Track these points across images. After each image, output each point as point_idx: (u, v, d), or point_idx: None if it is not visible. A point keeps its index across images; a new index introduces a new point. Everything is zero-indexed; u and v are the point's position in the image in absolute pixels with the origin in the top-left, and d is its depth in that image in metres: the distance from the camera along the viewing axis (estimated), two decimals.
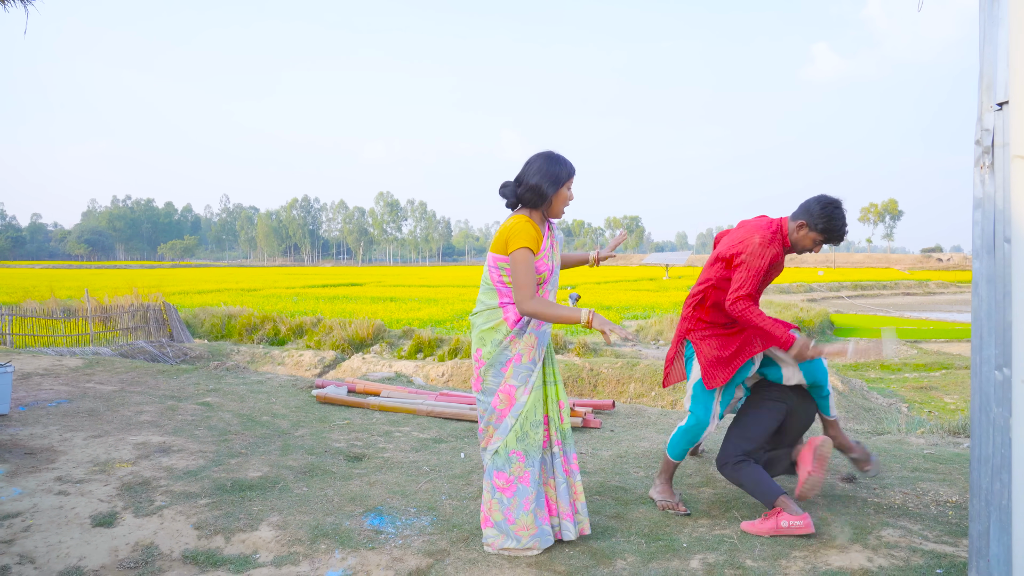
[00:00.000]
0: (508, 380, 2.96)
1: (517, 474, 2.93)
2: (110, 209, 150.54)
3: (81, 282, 41.60)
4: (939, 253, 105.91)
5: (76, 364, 7.71)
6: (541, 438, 3.00)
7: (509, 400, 2.96)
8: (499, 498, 2.95)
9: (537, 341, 2.99)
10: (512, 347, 2.96)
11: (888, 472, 4.02)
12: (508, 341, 2.96)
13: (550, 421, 3.06)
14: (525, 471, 2.93)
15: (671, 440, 3.53)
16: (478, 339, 3.03)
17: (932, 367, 20.16)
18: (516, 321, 2.96)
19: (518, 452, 2.94)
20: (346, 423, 5.23)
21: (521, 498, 2.92)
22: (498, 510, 2.95)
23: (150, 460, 4.12)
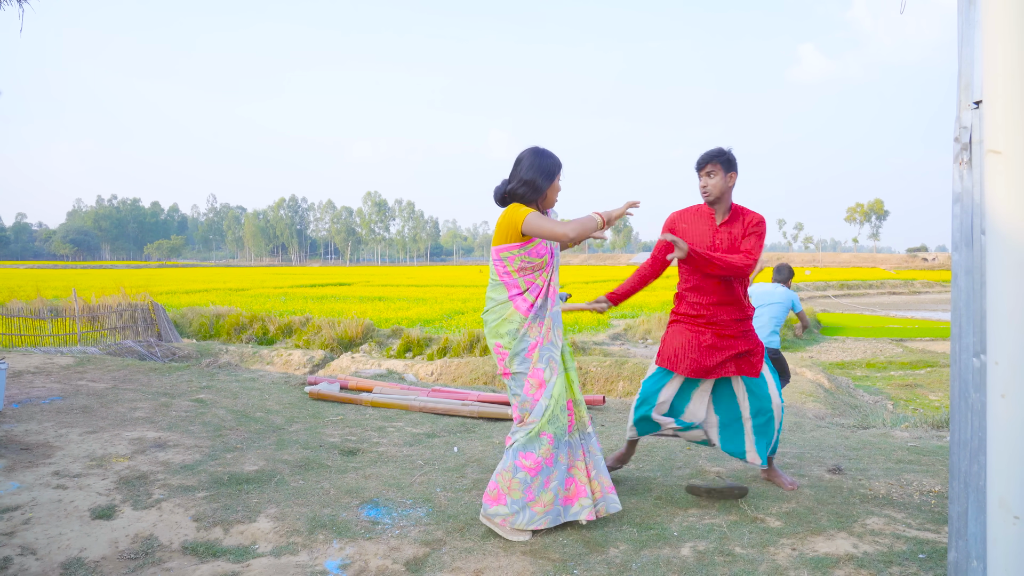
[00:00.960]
0: (536, 364, 3.10)
1: (544, 456, 3.07)
2: (95, 209, 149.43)
3: (67, 282, 41.30)
4: (924, 253, 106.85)
5: (67, 362, 7.71)
6: (567, 422, 3.14)
7: (540, 384, 3.11)
8: (522, 477, 3.06)
9: (552, 323, 3.14)
10: (531, 333, 3.10)
11: (873, 464, 4.12)
12: (525, 328, 3.10)
13: (574, 405, 3.23)
14: (551, 452, 3.08)
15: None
16: (493, 333, 3.16)
17: (917, 365, 20.37)
18: (529, 308, 3.10)
19: (548, 434, 3.08)
20: (339, 419, 5.28)
21: (544, 477, 3.07)
22: (519, 489, 3.06)
23: (146, 455, 4.15)
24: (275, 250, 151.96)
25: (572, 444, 3.18)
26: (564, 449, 3.13)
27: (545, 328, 3.12)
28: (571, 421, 3.20)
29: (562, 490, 3.13)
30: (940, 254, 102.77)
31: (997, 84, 1.49)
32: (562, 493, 3.13)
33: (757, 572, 2.70)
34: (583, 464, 3.19)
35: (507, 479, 3.10)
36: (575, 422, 3.22)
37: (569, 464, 3.16)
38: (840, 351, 23.65)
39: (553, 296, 3.18)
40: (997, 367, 1.49)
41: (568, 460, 3.16)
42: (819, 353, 23.06)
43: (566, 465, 3.15)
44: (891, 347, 23.98)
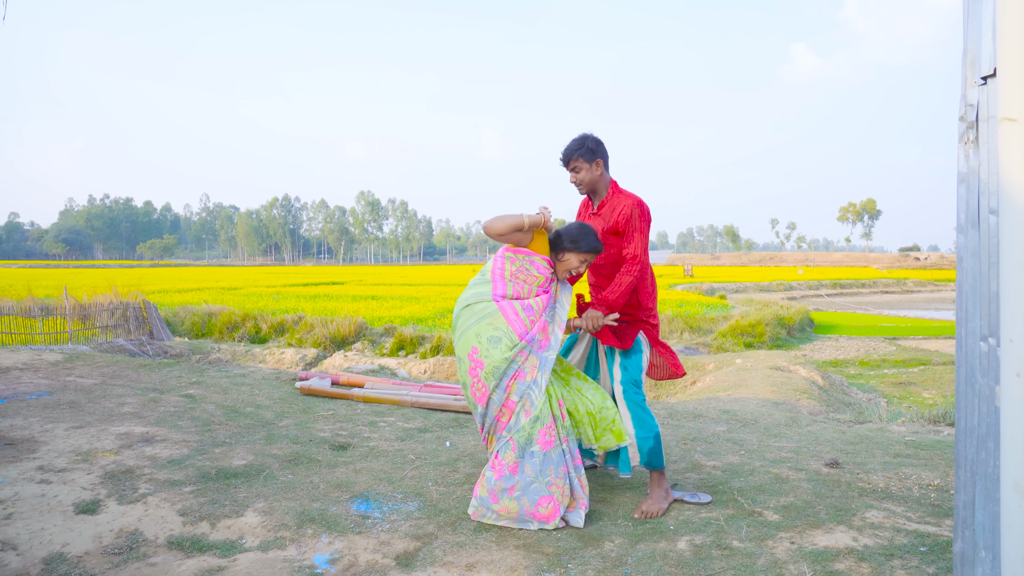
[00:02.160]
0: (511, 396, 3.06)
1: (508, 463, 3.06)
2: (88, 208, 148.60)
3: (59, 281, 41.03)
4: (917, 252, 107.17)
5: (56, 359, 7.61)
6: (535, 433, 3.08)
7: (509, 415, 3.08)
8: (489, 476, 3.10)
9: (540, 364, 3.09)
10: (520, 361, 3.06)
11: (871, 458, 4.07)
12: (518, 355, 3.07)
13: (556, 420, 3.15)
14: (515, 462, 3.06)
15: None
16: (471, 334, 3.08)
17: (910, 363, 20.37)
18: (524, 333, 3.07)
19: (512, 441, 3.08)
20: (330, 414, 5.20)
21: (506, 484, 3.10)
22: (485, 487, 3.11)
23: (133, 450, 4.07)
24: (268, 249, 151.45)
25: (550, 460, 3.06)
26: (532, 461, 3.04)
27: (531, 366, 3.08)
28: (548, 436, 3.07)
29: (529, 504, 3.02)
30: (932, 254, 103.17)
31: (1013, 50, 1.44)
32: (527, 506, 3.02)
33: (755, 566, 2.64)
34: (563, 483, 3.09)
35: (482, 474, 3.15)
36: (555, 439, 3.10)
37: (549, 481, 3.04)
38: (833, 349, 23.66)
39: (545, 344, 3.12)
40: (1012, 344, 1.44)
41: (546, 476, 3.04)
42: (812, 351, 23.05)
43: (534, 479, 3.03)
44: (884, 345, 24.00)
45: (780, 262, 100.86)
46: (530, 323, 3.08)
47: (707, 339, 22.37)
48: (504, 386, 3.04)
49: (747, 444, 4.46)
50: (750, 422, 5.09)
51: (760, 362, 15.90)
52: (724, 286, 44.48)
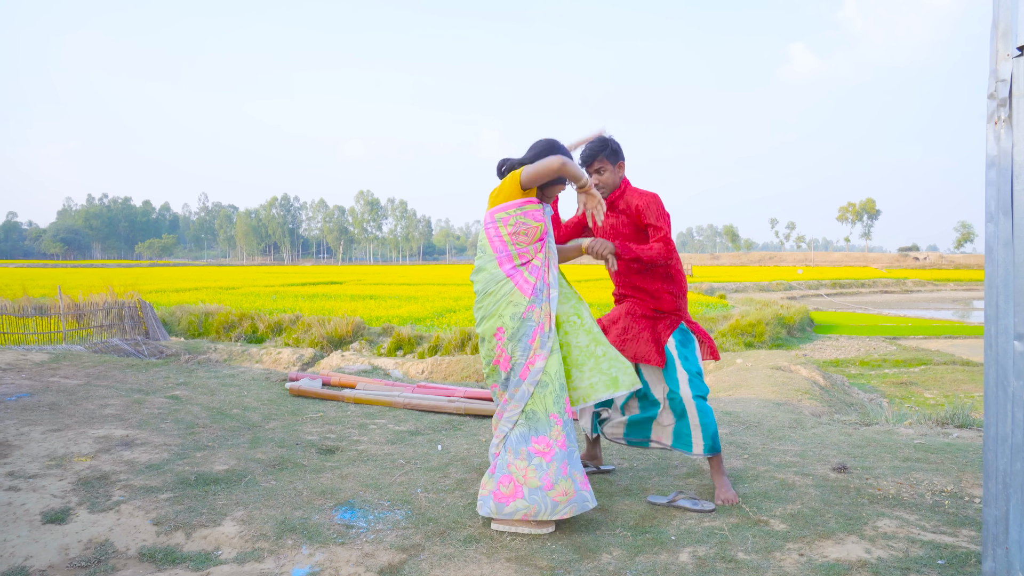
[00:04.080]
0: (537, 351, 2.98)
1: (556, 438, 2.93)
2: (86, 207, 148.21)
3: (56, 280, 40.80)
4: (916, 252, 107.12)
5: (42, 359, 7.44)
6: (565, 402, 3.03)
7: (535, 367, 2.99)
8: (538, 463, 2.91)
9: (551, 308, 3.05)
10: (533, 315, 3.00)
11: (879, 462, 3.90)
12: (529, 311, 2.99)
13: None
14: (562, 434, 2.94)
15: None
16: (494, 316, 3.02)
17: (911, 363, 20.23)
18: (531, 289, 3.01)
19: (555, 415, 2.95)
20: (319, 416, 5.03)
21: (559, 463, 2.91)
22: (535, 476, 2.89)
23: (111, 454, 3.90)
24: (267, 249, 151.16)
25: (574, 428, 3.15)
26: (571, 430, 3.01)
27: (544, 314, 3.02)
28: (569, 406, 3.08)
29: (579, 475, 2.97)
30: (931, 253, 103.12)
31: None
32: (579, 478, 2.96)
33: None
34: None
35: (522, 468, 2.91)
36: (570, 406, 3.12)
37: (575, 446, 3.05)
38: (834, 349, 23.51)
39: (550, 282, 3.08)
40: None
41: (574, 441, 3.04)
42: (813, 351, 22.90)
43: (575, 448, 3.01)
44: (885, 345, 23.86)
45: (780, 262, 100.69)
46: (537, 277, 3.06)
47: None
48: (527, 345, 2.99)
49: (750, 447, 4.29)
50: (753, 424, 4.93)
51: (761, 362, 15.74)
52: (724, 286, 44.32)
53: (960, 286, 58.32)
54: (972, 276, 68.57)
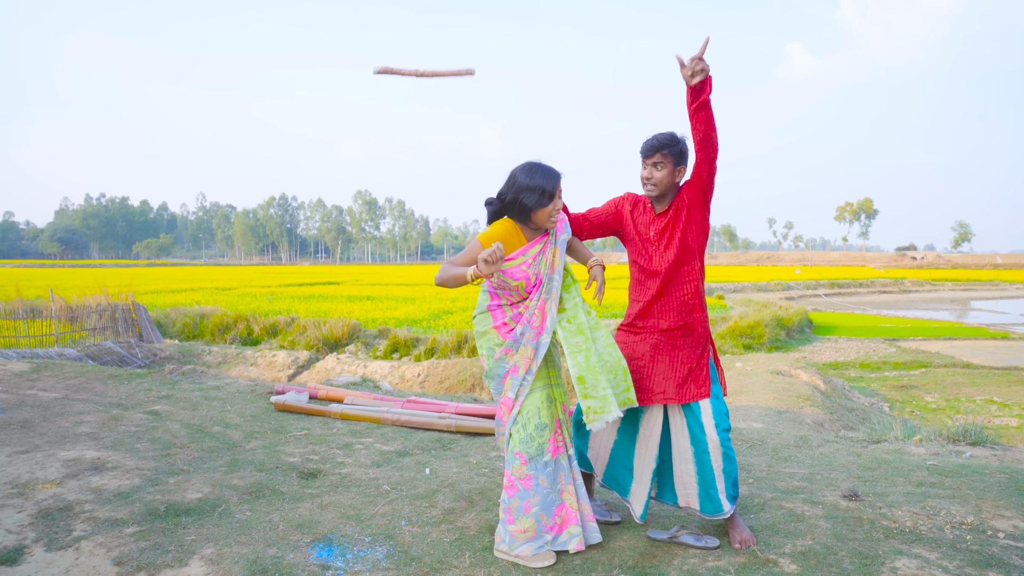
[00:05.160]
0: (507, 393, 2.87)
1: (519, 475, 2.85)
2: (84, 207, 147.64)
3: (51, 281, 40.54)
4: (913, 252, 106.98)
5: (21, 369, 7.21)
6: (545, 441, 2.87)
7: (508, 410, 2.88)
8: (503, 496, 2.91)
9: (535, 353, 2.86)
10: (508, 358, 2.88)
11: (892, 487, 3.69)
12: (502, 353, 2.86)
13: (561, 425, 2.96)
14: (527, 474, 2.84)
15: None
16: (478, 338, 2.97)
17: (911, 365, 20.04)
18: (507, 332, 2.87)
19: (520, 454, 2.85)
20: (304, 434, 4.81)
21: (522, 500, 2.84)
22: (503, 508, 2.88)
23: (78, 480, 3.69)
24: (265, 249, 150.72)
25: (560, 466, 2.91)
26: (546, 471, 2.85)
27: (524, 358, 2.84)
28: (556, 442, 2.91)
29: (546, 517, 2.84)
30: (928, 253, 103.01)
31: None
32: (546, 520, 2.84)
33: None
34: (573, 488, 2.93)
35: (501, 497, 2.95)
36: (562, 445, 2.94)
37: (560, 488, 2.89)
38: (833, 351, 23.33)
39: (541, 327, 2.86)
40: None
41: (557, 484, 2.88)
42: (812, 353, 22.72)
43: (549, 490, 2.85)
44: (884, 347, 23.68)
45: (778, 261, 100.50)
46: (520, 321, 2.89)
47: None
48: (499, 385, 2.90)
49: (755, 470, 4.08)
50: (757, 443, 4.71)
51: (761, 366, 15.53)
52: (722, 286, 44.13)
53: (958, 286, 58.18)
54: (970, 276, 68.48)
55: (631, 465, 3.11)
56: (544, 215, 2.83)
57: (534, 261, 2.87)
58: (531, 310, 2.87)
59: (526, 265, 2.85)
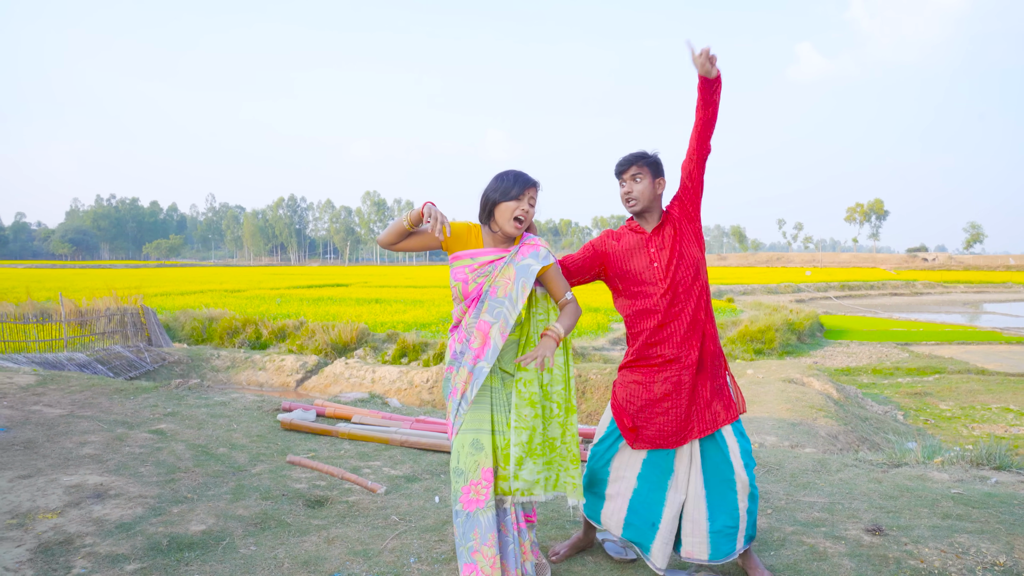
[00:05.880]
0: (448, 415, 2.71)
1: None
2: (94, 208, 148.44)
3: (62, 283, 40.73)
4: (924, 253, 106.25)
5: (27, 382, 7.15)
6: (459, 490, 2.61)
7: (450, 436, 2.71)
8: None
9: (472, 378, 2.63)
10: (452, 378, 2.71)
11: (916, 519, 3.57)
12: (448, 372, 2.70)
13: (495, 477, 2.64)
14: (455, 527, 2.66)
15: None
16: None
17: (925, 371, 19.82)
18: (452, 353, 2.72)
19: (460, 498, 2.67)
20: (311, 456, 4.72)
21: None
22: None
23: (80, 509, 3.60)
24: (274, 249, 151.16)
25: (476, 522, 2.59)
26: (456, 520, 2.62)
27: (461, 380, 2.66)
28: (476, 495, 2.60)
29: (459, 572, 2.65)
30: (940, 254, 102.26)
31: None
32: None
33: None
34: (492, 551, 2.57)
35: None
36: (483, 499, 2.60)
37: (473, 546, 2.58)
38: (845, 356, 23.12)
39: (481, 351, 2.62)
40: None
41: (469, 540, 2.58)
42: (824, 358, 22.52)
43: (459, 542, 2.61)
44: (897, 352, 23.43)
45: (787, 263, 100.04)
46: (459, 340, 2.71)
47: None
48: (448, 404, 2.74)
49: (773, 498, 3.96)
50: (774, 467, 4.60)
51: (773, 373, 15.37)
52: (731, 288, 43.92)
53: (970, 288, 57.75)
54: (982, 277, 67.97)
55: (656, 518, 2.82)
56: (507, 212, 2.65)
57: (479, 270, 2.67)
58: (470, 327, 2.66)
59: (470, 269, 2.68)
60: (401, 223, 2.64)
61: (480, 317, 2.64)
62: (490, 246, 2.73)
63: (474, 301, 2.67)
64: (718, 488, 2.78)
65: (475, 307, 2.67)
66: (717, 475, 2.79)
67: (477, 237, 2.74)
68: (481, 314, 2.64)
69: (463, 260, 2.69)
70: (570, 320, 2.68)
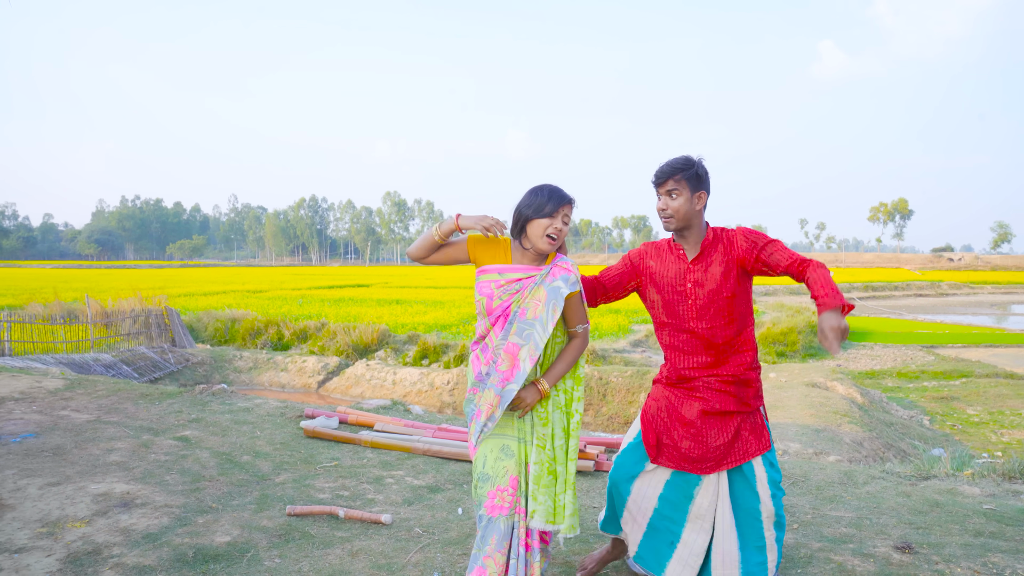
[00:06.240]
0: (470, 436, 2.64)
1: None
2: (119, 209, 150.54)
3: (88, 283, 41.34)
4: (950, 253, 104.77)
5: (55, 386, 7.25)
6: (484, 495, 2.57)
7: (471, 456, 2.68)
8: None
9: (500, 401, 2.55)
10: (475, 399, 2.62)
11: (948, 536, 3.51)
12: (471, 393, 2.64)
13: (519, 484, 2.59)
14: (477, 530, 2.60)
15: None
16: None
17: (951, 375, 19.52)
18: (477, 374, 2.61)
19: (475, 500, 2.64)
20: (334, 464, 4.74)
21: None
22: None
23: (107, 518, 3.64)
24: (295, 250, 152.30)
25: (496, 529, 2.55)
26: (480, 524, 2.59)
27: (487, 403, 2.57)
28: (500, 501, 2.56)
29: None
30: (966, 254, 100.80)
31: None
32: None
33: None
34: (501, 558, 2.53)
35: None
36: (506, 506, 2.56)
37: (487, 552, 2.53)
38: (869, 359, 22.83)
39: (509, 374, 2.55)
40: None
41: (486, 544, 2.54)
42: (847, 361, 22.27)
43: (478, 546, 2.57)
44: (922, 354, 23.09)
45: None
46: (486, 361, 2.61)
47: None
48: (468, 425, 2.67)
49: (799, 512, 3.92)
50: (800, 479, 4.54)
51: (795, 377, 15.23)
52: (752, 289, 43.53)
53: (998, 289, 56.85)
54: (1010, 278, 66.90)
55: (676, 538, 2.71)
56: (539, 228, 2.55)
57: (506, 287, 2.59)
58: (497, 348, 2.57)
59: (496, 285, 2.59)
60: (432, 236, 2.61)
61: (508, 339, 2.56)
62: (519, 262, 2.64)
63: (499, 319, 2.59)
64: (746, 520, 2.66)
65: (501, 327, 2.59)
66: (744, 506, 2.67)
67: (506, 251, 2.67)
68: (509, 336, 2.56)
69: (490, 274, 2.61)
70: (571, 358, 2.65)
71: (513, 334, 2.56)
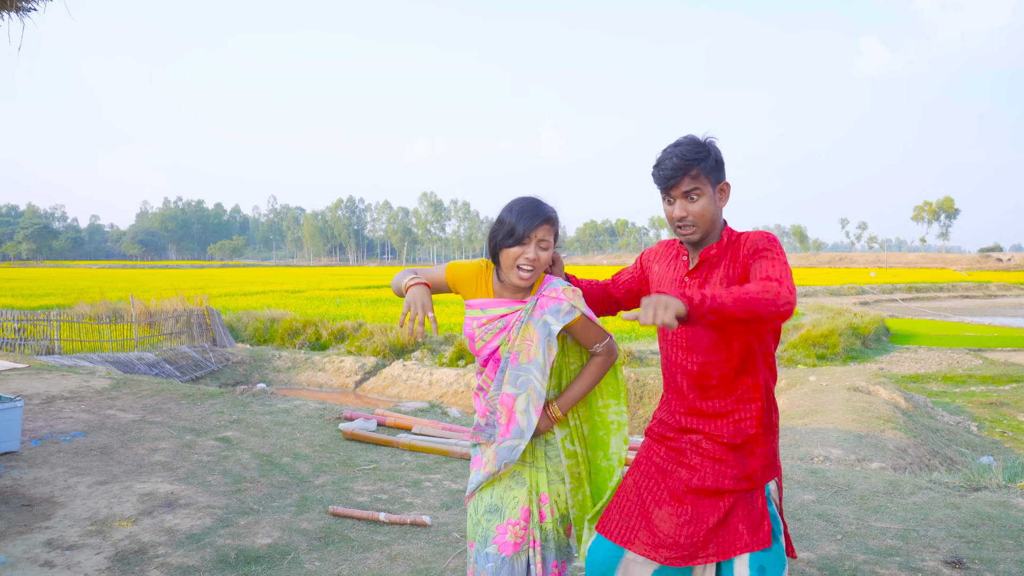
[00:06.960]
0: (469, 485, 2.29)
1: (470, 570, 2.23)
2: (162, 210, 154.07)
3: (132, 283, 42.33)
4: (999, 253, 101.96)
5: (102, 385, 7.43)
6: (492, 529, 2.16)
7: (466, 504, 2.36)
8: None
9: (496, 458, 2.16)
10: (481, 447, 2.25)
11: (1000, 551, 3.41)
12: (472, 439, 2.27)
13: (531, 517, 2.18)
14: (469, 566, 2.22)
15: None
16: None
17: (1000, 380, 18.99)
18: (476, 425, 2.23)
19: (471, 543, 2.23)
20: (372, 467, 4.77)
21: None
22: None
23: (153, 517, 3.71)
24: (333, 250, 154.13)
25: (511, 568, 2.13)
26: (487, 566, 2.14)
27: (487, 459, 2.21)
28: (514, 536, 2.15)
29: None
30: (1016, 254, 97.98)
31: None
32: None
33: None
34: None
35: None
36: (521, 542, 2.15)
37: None
38: (913, 362, 22.32)
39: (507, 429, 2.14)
40: None
41: None
42: (890, 364, 21.80)
43: None
44: (969, 358, 22.51)
45: (851, 263, 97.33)
46: (482, 413, 2.22)
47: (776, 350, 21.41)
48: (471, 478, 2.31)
49: (843, 522, 3.84)
50: (843, 488, 4.45)
51: (836, 380, 14.95)
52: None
53: None
54: None
55: None
56: (509, 259, 2.11)
57: (488, 326, 2.20)
58: (492, 400, 2.18)
59: (478, 324, 2.20)
60: (400, 286, 2.27)
61: (502, 389, 2.16)
62: (500, 295, 2.23)
63: (486, 363, 2.23)
64: None
65: (493, 374, 2.21)
66: None
67: (487, 283, 2.25)
68: (503, 385, 2.16)
69: (472, 310, 2.23)
70: (590, 378, 2.22)
71: (507, 383, 2.16)
